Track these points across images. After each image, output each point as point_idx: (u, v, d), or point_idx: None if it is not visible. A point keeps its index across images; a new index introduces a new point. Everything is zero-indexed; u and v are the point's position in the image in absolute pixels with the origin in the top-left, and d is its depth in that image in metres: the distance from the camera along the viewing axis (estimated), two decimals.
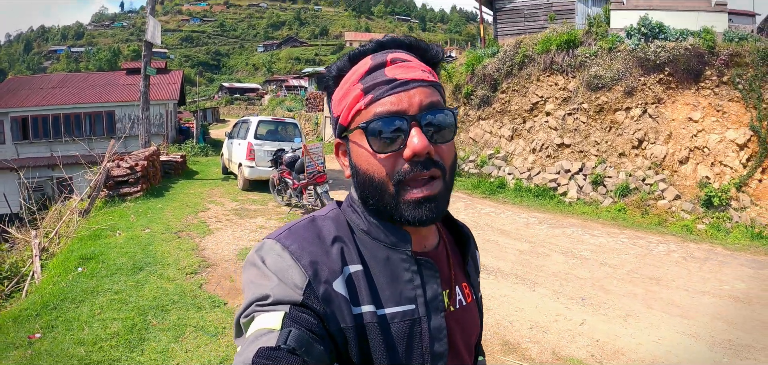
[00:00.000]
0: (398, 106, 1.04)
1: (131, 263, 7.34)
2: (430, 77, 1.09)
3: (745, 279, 9.01)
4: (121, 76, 31.70)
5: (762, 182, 13.81)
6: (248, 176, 14.70)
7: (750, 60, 14.73)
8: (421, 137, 1.02)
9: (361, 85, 1.08)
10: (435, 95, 1.08)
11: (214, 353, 4.80)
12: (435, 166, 1.05)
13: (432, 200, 1.05)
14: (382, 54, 1.11)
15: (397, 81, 1.06)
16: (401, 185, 1.04)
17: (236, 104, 79.86)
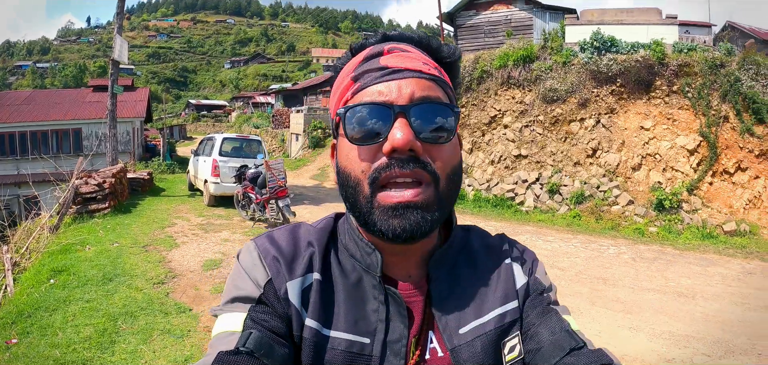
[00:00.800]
0: (386, 95, 0.91)
1: (101, 274, 7.60)
2: (432, 71, 0.96)
3: (691, 276, 9.59)
4: (87, 93, 31.52)
5: (712, 184, 14.55)
6: (213, 192, 14.97)
7: (699, 70, 15.52)
8: (404, 130, 0.88)
9: (353, 74, 0.98)
10: (434, 90, 0.94)
11: (179, 353, 5.13)
12: (420, 167, 0.90)
13: (411, 208, 0.89)
14: (383, 45, 1.01)
15: (388, 69, 0.94)
16: (376, 185, 0.91)
17: (203, 121, 79.28)
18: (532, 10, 25.67)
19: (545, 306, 1.02)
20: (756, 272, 10.20)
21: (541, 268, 1.09)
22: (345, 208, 1.04)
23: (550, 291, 1.06)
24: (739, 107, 14.79)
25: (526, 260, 1.08)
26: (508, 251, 1.09)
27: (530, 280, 1.06)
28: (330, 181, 22.77)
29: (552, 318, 0.98)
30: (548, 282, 1.08)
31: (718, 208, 14.15)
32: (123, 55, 17.33)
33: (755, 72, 15.08)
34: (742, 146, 14.61)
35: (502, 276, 1.05)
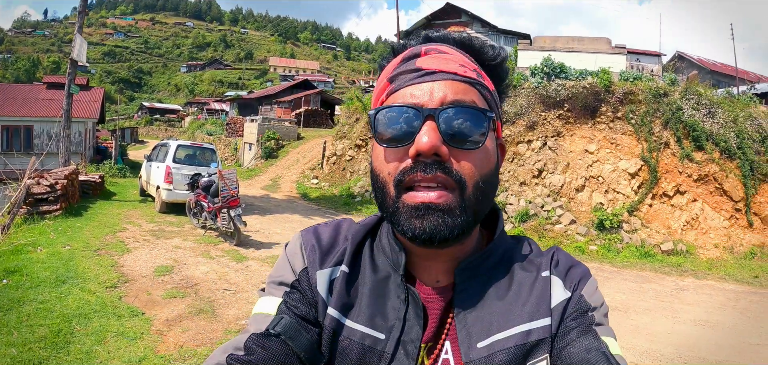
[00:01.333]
0: (418, 98, 0.92)
1: (54, 276, 7.64)
2: (468, 73, 0.95)
3: (626, 291, 10.14)
4: (41, 89, 30.76)
5: (652, 206, 15.27)
6: (166, 199, 14.92)
7: (643, 98, 16.35)
8: (431, 133, 0.89)
9: (394, 72, 0.99)
10: (469, 93, 0.94)
11: (133, 354, 5.29)
12: (443, 171, 0.90)
13: (434, 210, 0.90)
14: (423, 46, 1.01)
15: (423, 71, 0.95)
16: (401, 186, 0.92)
17: (156, 125, 77.70)
18: (488, 33, 26.41)
19: (586, 326, 0.94)
20: (689, 289, 10.87)
21: (590, 286, 1.00)
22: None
23: (596, 311, 0.97)
24: (680, 134, 15.61)
25: (572, 275, 1.00)
26: (551, 264, 1.02)
27: (573, 297, 0.97)
28: (281, 192, 22.95)
29: (588, 338, 0.91)
30: (597, 301, 0.98)
31: (656, 228, 14.86)
32: (82, 54, 17.14)
33: (696, 102, 15.95)
34: (681, 171, 15.40)
35: (536, 290, 0.98)
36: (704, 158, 15.30)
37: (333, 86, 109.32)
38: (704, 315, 8.89)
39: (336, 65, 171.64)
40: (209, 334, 6.14)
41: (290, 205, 19.46)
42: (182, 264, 9.29)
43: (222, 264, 9.62)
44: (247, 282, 8.67)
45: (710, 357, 6.86)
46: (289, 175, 27.06)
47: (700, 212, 14.97)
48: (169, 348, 5.59)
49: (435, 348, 0.97)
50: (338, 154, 24.63)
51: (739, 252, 14.03)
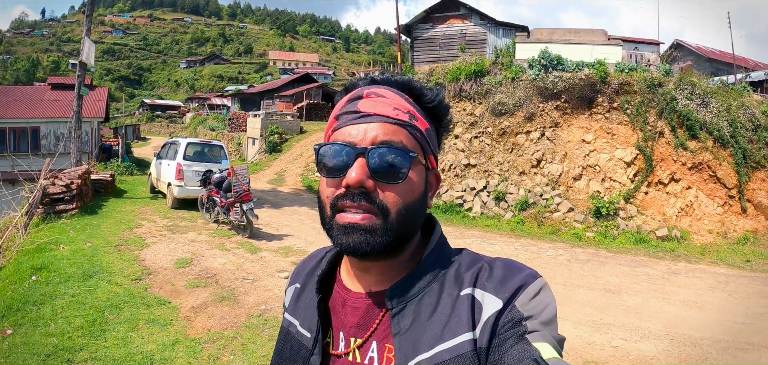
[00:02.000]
0: (353, 137, 1.06)
1: (81, 271, 8.06)
2: (400, 116, 1.08)
3: (620, 275, 10.66)
4: (46, 90, 30.94)
5: (648, 194, 15.76)
6: (177, 195, 15.32)
7: (638, 88, 16.80)
8: (359, 169, 1.02)
9: (339, 111, 1.13)
10: (398, 135, 1.06)
11: (166, 338, 5.75)
12: (367, 201, 1.03)
13: (360, 229, 1.02)
14: (366, 88, 1.14)
15: (360, 113, 1.08)
16: (335, 209, 1.06)
17: (157, 122, 77.47)
18: (487, 25, 26.62)
19: (519, 335, 0.94)
20: (681, 273, 11.37)
21: (527, 295, 0.99)
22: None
23: (531, 320, 0.97)
24: (674, 124, 16.07)
25: (507, 286, 1.00)
26: (478, 278, 1.05)
27: (507, 307, 0.98)
28: (287, 186, 23.31)
29: (520, 347, 0.92)
30: (535, 308, 0.98)
31: (652, 215, 15.35)
32: (90, 57, 17.49)
33: (690, 92, 16.40)
34: (675, 159, 15.87)
35: (458, 307, 1.02)
36: (698, 147, 15.77)
37: (333, 78, 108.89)
38: (693, 297, 9.41)
39: (335, 57, 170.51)
40: (233, 319, 6.61)
41: (297, 198, 19.89)
42: (200, 257, 9.77)
43: (237, 256, 10.10)
44: (263, 271, 9.14)
45: (695, 334, 7.34)
46: (294, 168, 27.41)
47: (695, 199, 15.45)
48: (198, 332, 6.06)
49: (365, 345, 1.10)
50: None
51: (732, 238, 14.50)
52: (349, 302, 1.15)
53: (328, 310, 1.19)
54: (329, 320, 1.18)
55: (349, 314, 1.14)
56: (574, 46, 19.38)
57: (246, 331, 6.26)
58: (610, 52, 18.90)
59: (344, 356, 1.12)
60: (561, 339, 0.99)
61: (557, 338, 0.98)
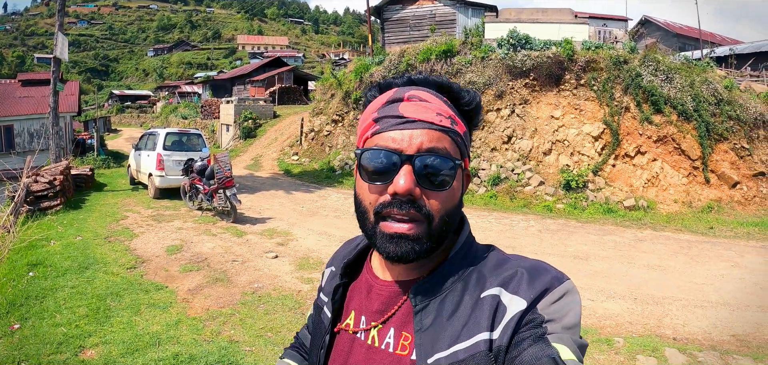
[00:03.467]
0: (398, 143, 1.05)
1: (76, 264, 8.31)
2: (443, 122, 1.08)
3: (588, 243, 11.28)
4: (16, 87, 30.32)
5: (615, 166, 16.40)
6: (159, 185, 15.50)
7: (604, 65, 17.42)
8: (407, 177, 1.02)
9: (376, 115, 1.11)
10: (442, 141, 1.07)
11: (168, 319, 6.11)
12: (415, 209, 1.04)
13: (405, 239, 1.04)
14: (405, 90, 1.13)
15: (404, 118, 1.07)
16: (379, 217, 1.06)
17: (128, 113, 75.67)
18: (456, 6, 26.95)
19: (538, 335, 0.96)
20: (646, 240, 12.01)
21: (550, 298, 1.01)
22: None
23: (552, 323, 0.98)
24: (640, 99, 16.70)
25: (532, 288, 1.02)
26: (506, 278, 1.05)
27: (529, 311, 0.99)
28: (264, 171, 23.53)
29: (538, 346, 0.94)
30: (559, 313, 1.00)
31: (619, 187, 15.99)
32: (64, 52, 17.43)
33: (655, 68, 17.02)
34: (641, 133, 16.50)
35: (479, 307, 1.03)
36: (663, 121, 16.41)
37: (303, 61, 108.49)
38: (657, 261, 10.06)
39: (305, 39, 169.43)
40: (229, 298, 7.01)
41: (275, 182, 20.17)
42: (189, 243, 10.10)
43: (224, 240, 10.46)
44: (251, 253, 9.53)
45: (657, 294, 7.96)
46: (270, 153, 27.56)
47: (660, 171, 16.10)
48: (197, 312, 6.45)
49: (383, 328, 1.13)
50: (316, 130, 25.18)
51: (697, 207, 15.14)
52: (376, 289, 1.18)
53: (351, 293, 1.26)
54: (350, 303, 1.24)
55: (374, 300, 1.18)
56: (542, 25, 19.93)
57: (242, 308, 6.64)
58: (577, 30, 19.48)
59: (363, 336, 1.16)
60: (583, 345, 1.01)
61: (578, 343, 0.99)
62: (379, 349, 1.12)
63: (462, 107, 1.16)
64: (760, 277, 9.38)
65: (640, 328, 6.69)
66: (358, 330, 1.17)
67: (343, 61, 66.27)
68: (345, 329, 1.21)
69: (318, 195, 17.15)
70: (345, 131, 23.23)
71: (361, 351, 1.15)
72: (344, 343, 1.20)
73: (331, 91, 25.56)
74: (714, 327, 6.79)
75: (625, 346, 5.99)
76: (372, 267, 1.23)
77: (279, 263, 8.91)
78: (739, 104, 16.60)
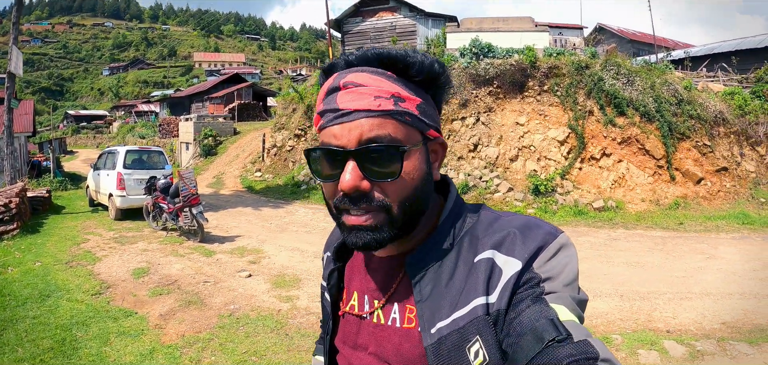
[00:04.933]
0: (338, 139, 1.01)
1: (37, 292, 7.85)
2: (384, 105, 1.02)
3: None
4: None
5: (582, 169, 16.52)
6: (120, 206, 14.96)
7: (566, 71, 17.57)
8: (352, 173, 0.99)
9: (321, 106, 1.08)
10: (384, 127, 1.01)
11: (141, 348, 5.76)
12: (367, 202, 1.01)
13: (365, 229, 1.02)
14: (342, 75, 1.07)
15: (340, 112, 1.02)
16: (339, 210, 1.05)
17: (84, 133, 73.53)
18: (416, 17, 27.03)
19: (536, 295, 0.95)
20: (620, 238, 12.18)
21: (545, 255, 0.99)
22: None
23: (549, 281, 0.97)
24: (603, 102, 16.89)
25: (525, 247, 1.00)
26: (498, 238, 1.04)
27: (525, 270, 0.98)
28: (227, 188, 23.17)
29: (536, 307, 0.92)
30: (554, 270, 0.98)
31: (587, 189, 16.11)
32: (18, 67, 16.86)
33: (616, 72, 17.27)
34: (605, 136, 16.67)
35: (474, 272, 1.02)
36: (626, 123, 16.62)
37: (260, 77, 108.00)
38: (635, 258, 10.18)
39: (262, 56, 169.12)
40: (205, 321, 6.69)
41: (239, 199, 19.84)
42: (156, 265, 9.71)
43: (193, 260, 10.11)
44: (223, 273, 9.21)
45: (642, 290, 8.07)
46: (232, 170, 27.20)
47: (626, 171, 16.27)
48: (172, 338, 6.10)
49: (387, 306, 1.13)
50: (278, 145, 24.94)
51: (664, 204, 15.38)
52: (372, 265, 1.19)
53: (350, 274, 1.25)
54: (351, 284, 1.24)
55: (372, 277, 1.18)
56: (503, 33, 20.07)
57: (221, 332, 6.33)
58: (538, 38, 19.67)
59: (368, 316, 1.16)
60: (582, 300, 1.00)
61: (577, 298, 0.98)
62: (386, 326, 1.11)
63: (412, 78, 1.08)
64: (736, 267, 9.69)
65: (632, 324, 6.74)
66: (363, 312, 1.17)
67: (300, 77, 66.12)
68: (349, 311, 1.21)
69: (285, 211, 16.87)
70: (308, 145, 22.92)
71: (369, 331, 1.15)
72: (351, 325, 1.19)
73: (293, 105, 25.35)
74: (703, 317, 6.97)
75: (624, 343, 6.01)
76: None
77: (254, 282, 8.62)
78: (699, 103, 16.95)
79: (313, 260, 10.23)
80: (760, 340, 6.14)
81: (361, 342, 1.16)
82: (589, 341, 0.87)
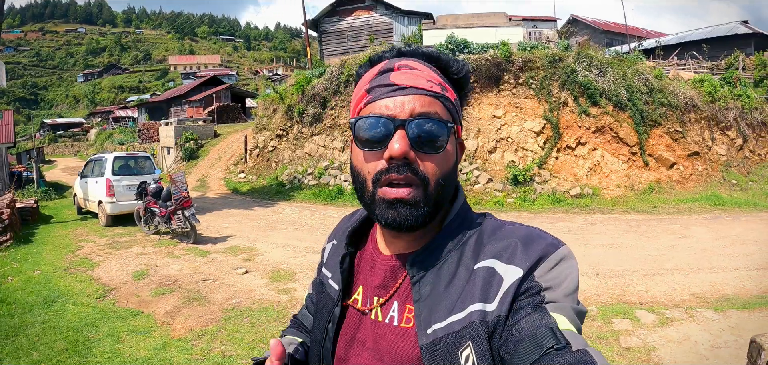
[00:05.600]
0: (391, 110, 1.05)
1: (41, 299, 8.03)
2: (434, 88, 1.08)
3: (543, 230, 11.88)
4: None
5: (558, 159, 17.12)
6: (110, 212, 15.05)
7: (540, 64, 18.12)
8: (402, 141, 1.03)
9: (368, 86, 1.12)
10: (434, 106, 1.07)
11: (153, 343, 6.08)
12: (411, 172, 1.04)
13: (403, 203, 1.04)
14: (396, 60, 1.13)
15: (395, 86, 1.07)
16: (377, 184, 1.06)
17: (61, 142, 72.78)
18: (392, 15, 27.34)
19: (536, 304, 0.97)
20: (596, 223, 12.85)
21: (546, 265, 1.01)
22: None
23: (549, 291, 0.99)
24: (576, 93, 17.48)
25: (526, 256, 1.02)
26: (501, 247, 1.06)
27: (526, 279, 1.00)
28: (212, 191, 23.31)
29: (536, 315, 0.94)
30: (555, 280, 1.00)
31: (564, 177, 16.72)
32: (2, 78, 17.00)
33: (588, 64, 17.86)
34: (580, 125, 17.26)
35: (474, 278, 1.04)
36: (600, 112, 17.27)
37: (237, 78, 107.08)
38: (610, 240, 10.84)
39: (237, 57, 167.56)
40: (210, 316, 7.06)
41: (226, 201, 20.04)
42: (154, 267, 9.99)
43: (190, 261, 10.43)
44: (220, 271, 9.56)
45: (617, 268, 8.72)
46: (215, 173, 27.29)
47: (601, 159, 16.89)
48: (181, 333, 6.45)
49: (386, 304, 1.14)
50: (261, 146, 25.05)
51: (638, 189, 16.05)
52: (378, 264, 1.20)
53: (358, 267, 1.27)
54: (358, 277, 1.26)
55: (377, 275, 1.19)
56: (479, 29, 20.53)
57: (227, 324, 6.70)
58: (512, 32, 20.19)
59: (368, 312, 1.17)
60: (581, 311, 1.01)
61: (576, 309, 0.99)
62: (384, 323, 1.13)
63: (451, 76, 1.16)
64: (706, 244, 10.41)
65: (607, 298, 7.32)
66: (365, 308, 1.19)
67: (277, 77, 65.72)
68: (352, 304, 1.23)
69: (272, 210, 17.19)
70: (290, 145, 23.23)
71: (368, 327, 1.16)
72: (353, 318, 1.21)
73: (274, 106, 25.44)
74: (673, 290, 7.64)
75: (600, 314, 6.56)
76: (376, 241, 1.25)
77: (251, 278, 8.99)
78: (670, 91, 17.61)
79: (305, 256, 10.62)
80: (725, 308, 6.75)
81: (360, 336, 1.18)
82: (587, 350, 0.88)
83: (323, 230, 13.56)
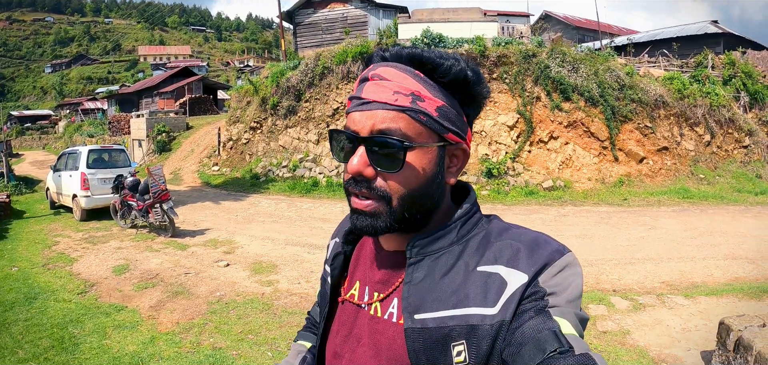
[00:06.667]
0: (356, 124, 1.06)
1: (22, 296, 7.94)
2: (400, 102, 1.04)
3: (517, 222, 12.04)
4: None
5: (531, 152, 17.48)
6: (85, 206, 14.93)
7: (514, 59, 18.45)
8: (359, 158, 1.04)
9: (353, 93, 1.12)
10: (397, 121, 1.04)
11: (141, 337, 6.11)
12: (368, 189, 1.05)
13: (363, 214, 1.07)
14: (374, 67, 1.11)
15: (363, 100, 1.06)
16: (348, 192, 1.10)
17: (28, 135, 70.73)
18: (367, 8, 27.34)
19: (540, 308, 0.96)
20: (569, 214, 13.27)
21: (551, 271, 1.00)
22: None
23: (553, 296, 0.98)
24: (549, 89, 17.86)
25: (531, 262, 1.01)
26: (506, 251, 1.04)
27: (530, 284, 0.99)
28: (185, 184, 23.24)
29: (539, 319, 0.94)
30: (560, 286, 0.99)
31: (537, 170, 17.09)
32: None
33: (561, 60, 18.22)
34: (553, 120, 17.63)
35: (474, 279, 1.03)
36: (572, 107, 17.66)
37: (207, 69, 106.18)
38: (583, 231, 11.21)
39: (208, 48, 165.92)
40: (196, 309, 7.11)
41: (200, 194, 19.99)
42: (135, 261, 9.97)
43: (170, 255, 10.44)
44: (201, 264, 9.60)
45: (590, 258, 9.04)
46: (188, 166, 27.15)
47: (573, 153, 17.26)
48: (168, 326, 6.49)
49: (386, 300, 1.13)
50: (234, 138, 24.96)
51: (609, 182, 16.47)
52: (380, 258, 1.19)
53: (356, 262, 1.28)
54: (355, 272, 1.26)
55: (377, 270, 1.18)
56: (454, 24, 20.73)
57: (213, 316, 6.76)
58: (487, 27, 20.43)
59: (366, 307, 1.16)
60: (583, 318, 1.01)
61: (579, 316, 0.99)
62: (382, 319, 1.12)
63: (438, 80, 1.08)
64: (675, 235, 10.86)
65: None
66: (362, 302, 1.18)
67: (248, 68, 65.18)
68: (349, 299, 1.22)
69: (248, 203, 17.24)
70: (264, 137, 23.19)
71: (365, 321, 1.16)
72: (349, 313, 1.21)
73: (248, 98, 25.33)
74: (645, 278, 8.04)
75: None
76: (379, 237, 1.23)
77: (233, 271, 9.07)
78: (640, 87, 18.07)
79: (285, 248, 10.73)
80: (695, 294, 7.14)
81: (356, 332, 1.17)
82: (589, 354, 0.89)
83: (300, 222, 13.68)
